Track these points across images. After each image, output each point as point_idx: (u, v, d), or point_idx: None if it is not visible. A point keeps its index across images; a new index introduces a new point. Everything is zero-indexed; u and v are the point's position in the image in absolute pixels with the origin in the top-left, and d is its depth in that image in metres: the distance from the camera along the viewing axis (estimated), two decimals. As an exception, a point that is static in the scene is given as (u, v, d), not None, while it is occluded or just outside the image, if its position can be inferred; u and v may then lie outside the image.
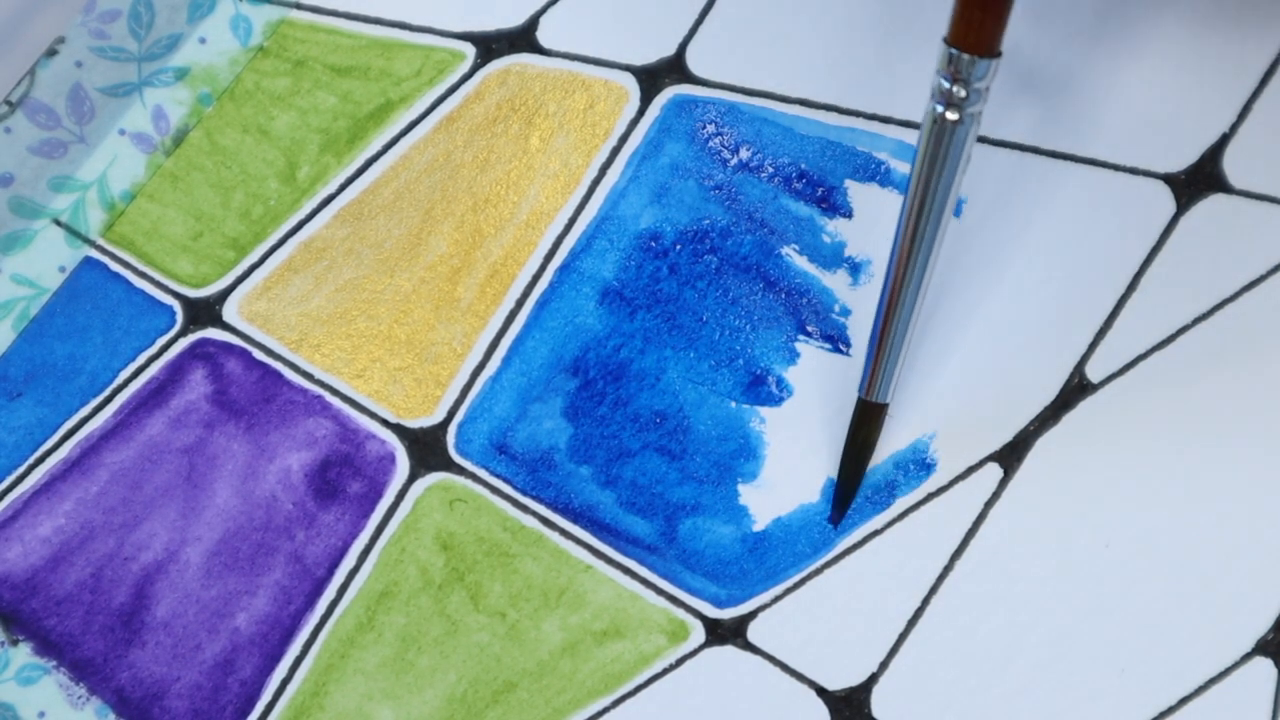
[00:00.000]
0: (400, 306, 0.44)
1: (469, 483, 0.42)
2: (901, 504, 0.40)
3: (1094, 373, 0.40)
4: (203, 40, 0.47)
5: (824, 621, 0.39)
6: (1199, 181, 0.41)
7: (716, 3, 0.45)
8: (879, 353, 0.37)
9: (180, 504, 0.43)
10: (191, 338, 0.44)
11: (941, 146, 0.33)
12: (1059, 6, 0.43)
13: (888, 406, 0.39)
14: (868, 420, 0.39)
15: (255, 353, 0.44)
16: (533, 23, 0.46)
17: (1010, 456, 0.40)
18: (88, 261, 0.45)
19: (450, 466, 0.42)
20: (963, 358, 0.41)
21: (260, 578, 0.42)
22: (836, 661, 0.39)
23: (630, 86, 0.45)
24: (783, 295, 0.42)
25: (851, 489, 0.39)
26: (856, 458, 0.39)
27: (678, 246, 0.43)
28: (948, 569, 0.39)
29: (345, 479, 0.42)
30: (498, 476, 0.42)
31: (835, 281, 0.42)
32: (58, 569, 0.42)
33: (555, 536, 0.41)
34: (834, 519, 0.40)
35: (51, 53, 0.46)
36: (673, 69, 0.45)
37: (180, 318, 0.45)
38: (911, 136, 0.43)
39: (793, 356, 0.42)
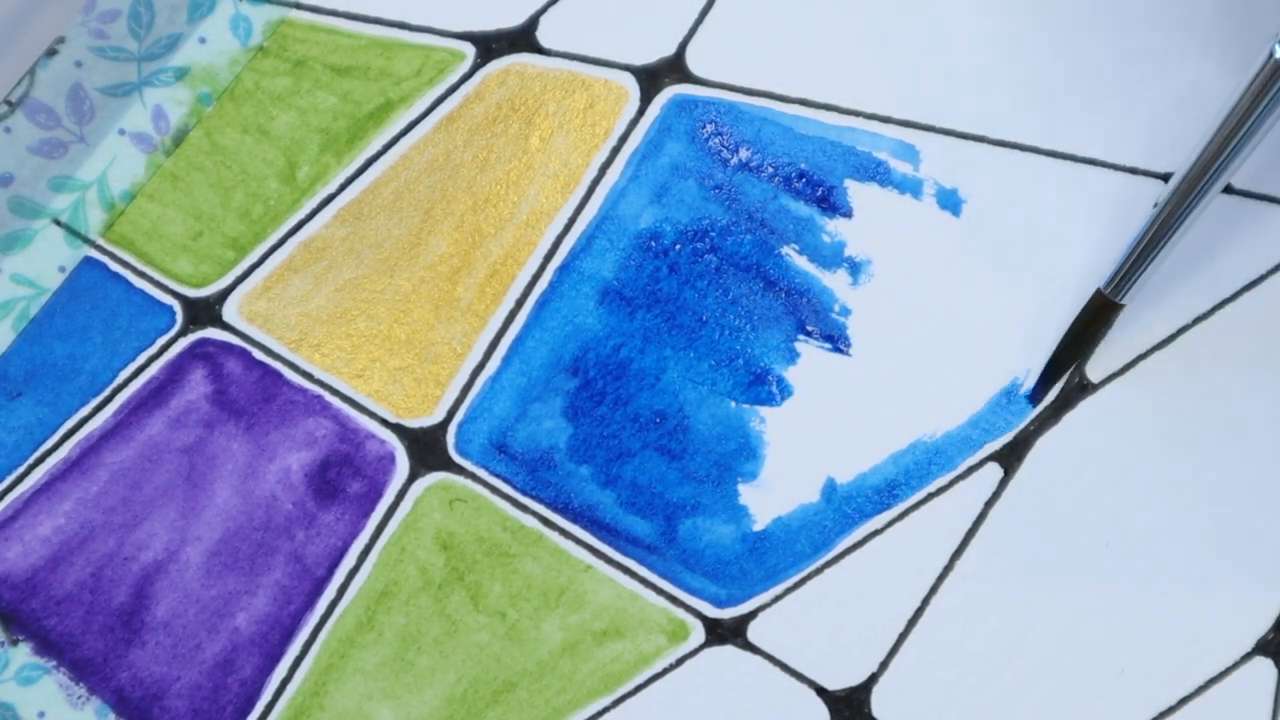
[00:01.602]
0: (400, 306, 0.44)
1: (469, 482, 0.42)
2: (901, 504, 0.40)
3: (1094, 373, 0.40)
4: (203, 40, 0.47)
5: (824, 621, 0.39)
6: (1199, 181, 0.41)
7: (716, 3, 0.45)
8: (1140, 254, 0.37)
9: (180, 504, 0.43)
10: (191, 337, 0.44)
11: (1269, 88, 0.34)
12: (1067, 8, 0.43)
13: (1123, 308, 0.39)
14: (1102, 316, 0.39)
15: (255, 352, 0.44)
16: (533, 23, 0.46)
17: (1010, 456, 0.40)
18: (88, 261, 0.45)
19: (450, 466, 0.42)
20: (964, 354, 0.41)
21: (260, 577, 0.42)
22: (836, 661, 0.39)
23: (630, 86, 0.45)
24: (783, 295, 0.42)
25: (1061, 372, 0.40)
26: (1077, 347, 0.40)
27: (678, 246, 0.43)
28: (948, 569, 0.39)
29: (345, 479, 0.42)
30: (498, 476, 0.42)
31: (835, 281, 0.42)
32: (58, 569, 0.42)
33: (555, 536, 0.41)
34: (1034, 398, 0.40)
35: (51, 53, 0.46)
36: (673, 69, 0.45)
37: (180, 317, 0.45)
38: (911, 136, 0.43)
39: (793, 356, 0.42)
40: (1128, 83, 0.42)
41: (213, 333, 0.44)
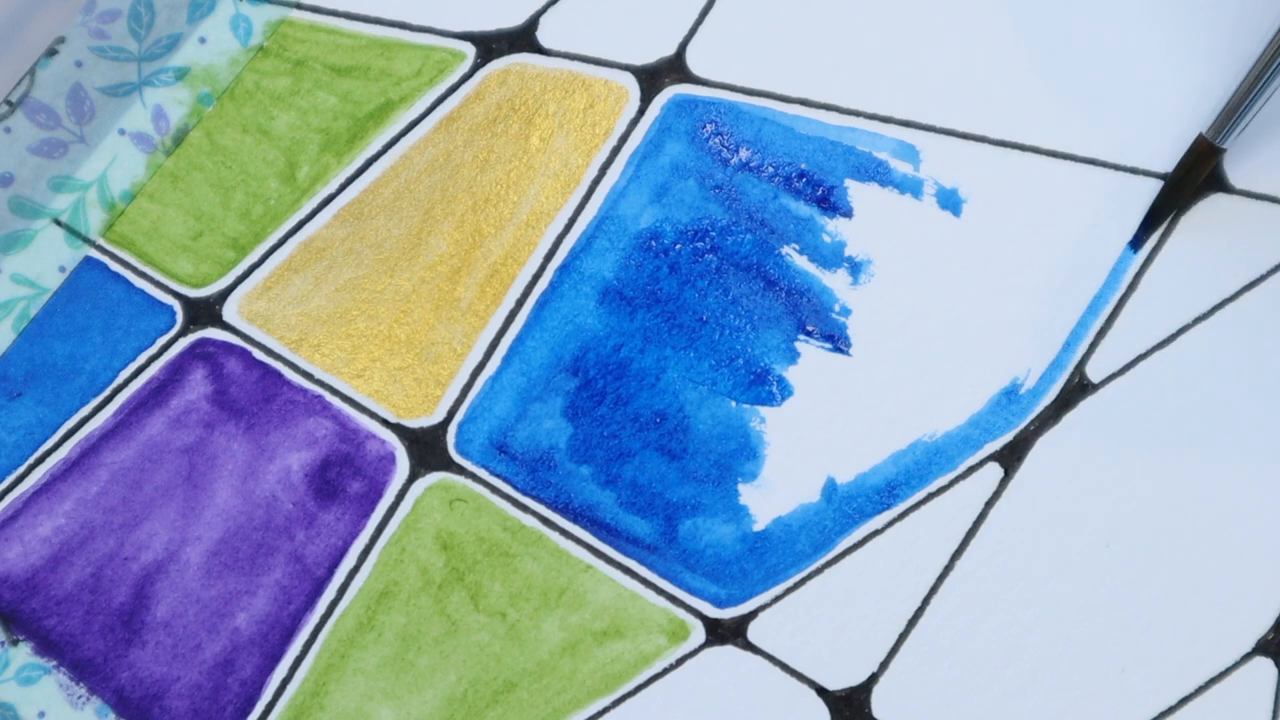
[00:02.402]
0: (400, 306, 0.44)
1: (469, 482, 0.42)
2: (901, 504, 0.40)
3: (1094, 373, 0.40)
4: (203, 40, 0.47)
5: (824, 621, 0.39)
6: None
7: (716, 3, 0.45)
8: (1242, 96, 0.37)
9: (180, 504, 0.43)
10: (191, 337, 0.44)
11: None
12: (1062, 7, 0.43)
13: (1224, 153, 0.39)
14: (1203, 160, 0.39)
15: (255, 352, 0.44)
16: (533, 22, 0.46)
17: (1010, 456, 0.40)
18: (88, 261, 0.45)
19: (450, 466, 0.42)
20: (964, 355, 0.41)
21: (260, 578, 0.42)
22: (836, 661, 0.39)
23: (630, 86, 0.45)
24: (783, 295, 0.42)
25: (1161, 220, 0.40)
26: (1177, 194, 0.40)
27: (678, 246, 0.43)
28: (948, 569, 0.39)
29: (345, 479, 0.42)
30: (498, 476, 0.42)
31: (835, 281, 0.42)
32: (58, 569, 0.42)
33: (555, 536, 0.41)
34: (1135, 243, 0.40)
35: (51, 53, 0.46)
36: (673, 69, 0.45)
37: (180, 317, 0.45)
38: (911, 136, 0.43)
39: (793, 356, 0.42)
40: (1128, 83, 0.42)
41: (213, 333, 0.44)
